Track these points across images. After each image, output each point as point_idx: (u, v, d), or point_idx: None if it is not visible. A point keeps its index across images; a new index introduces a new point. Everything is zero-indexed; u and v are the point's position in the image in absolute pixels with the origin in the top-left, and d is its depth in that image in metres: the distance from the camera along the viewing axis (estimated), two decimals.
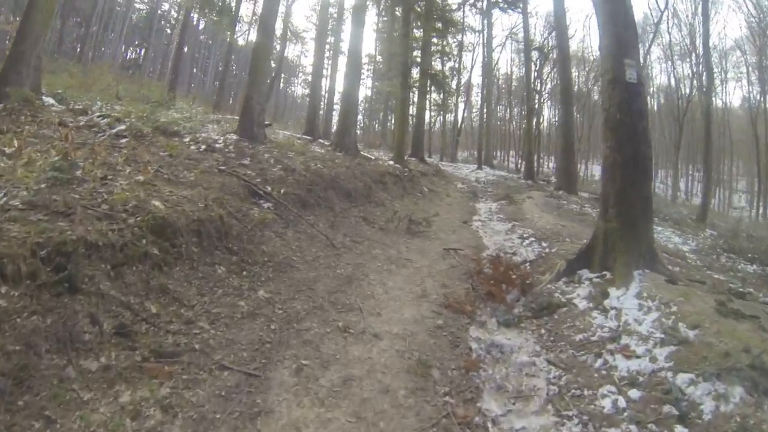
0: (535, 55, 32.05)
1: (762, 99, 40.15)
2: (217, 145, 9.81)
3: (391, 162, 18.04)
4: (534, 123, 28.54)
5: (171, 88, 23.39)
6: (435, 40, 41.38)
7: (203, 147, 9.23)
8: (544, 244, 9.53)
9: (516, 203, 16.05)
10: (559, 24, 22.05)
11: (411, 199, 14.12)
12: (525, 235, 10.60)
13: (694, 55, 39.08)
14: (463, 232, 10.99)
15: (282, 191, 8.30)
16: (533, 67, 39.13)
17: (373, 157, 17.73)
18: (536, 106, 30.24)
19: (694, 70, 37.73)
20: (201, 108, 18.67)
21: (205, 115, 15.88)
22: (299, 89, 73.24)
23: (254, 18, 39.91)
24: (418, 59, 27.32)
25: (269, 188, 8.15)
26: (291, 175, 9.55)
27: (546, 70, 39.81)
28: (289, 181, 9.14)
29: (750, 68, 43.06)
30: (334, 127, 21.69)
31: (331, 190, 10.55)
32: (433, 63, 43.44)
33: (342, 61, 30.70)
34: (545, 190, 20.70)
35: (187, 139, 9.57)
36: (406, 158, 24.23)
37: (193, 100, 24.03)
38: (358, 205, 10.98)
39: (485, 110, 38.15)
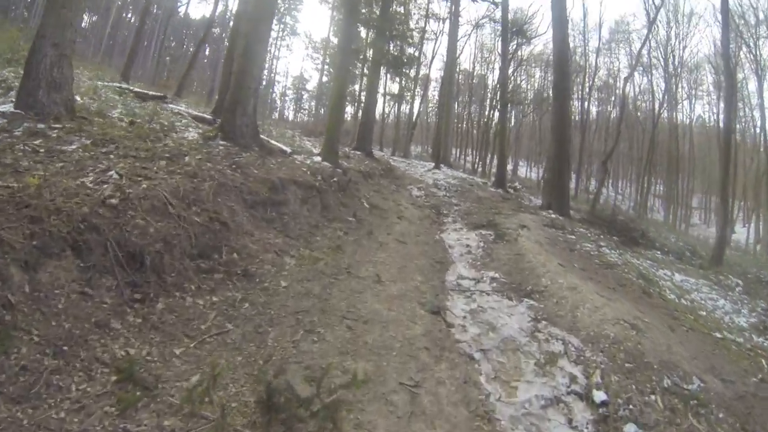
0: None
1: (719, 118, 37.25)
2: None
3: (318, 158, 11.16)
4: (507, 121, 22.22)
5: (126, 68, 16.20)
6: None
7: None
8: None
9: (507, 238, 9.42)
10: None
11: (333, 232, 7.20)
12: (578, 378, 4.10)
13: (661, 68, 35.11)
14: (441, 374, 4.15)
15: None
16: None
17: (289, 150, 10.79)
18: (509, 101, 23.85)
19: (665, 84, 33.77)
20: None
21: None
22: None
23: None
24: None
25: None
26: None
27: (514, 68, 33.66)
28: None
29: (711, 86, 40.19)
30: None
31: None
32: (391, 49, 37.22)
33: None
34: (531, 210, 14.26)
35: None
36: (348, 152, 17.38)
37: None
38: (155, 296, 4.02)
39: (444, 104, 31.64)
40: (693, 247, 18.27)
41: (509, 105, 22.21)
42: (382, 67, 21.46)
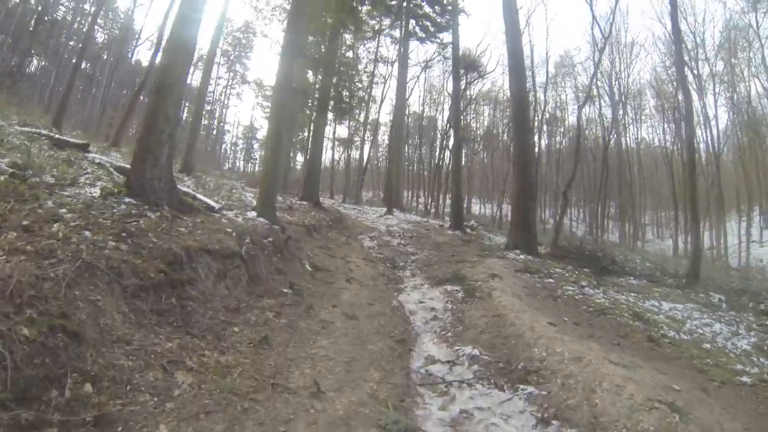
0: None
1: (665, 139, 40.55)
2: None
3: (253, 214, 9.43)
4: (461, 160, 21.10)
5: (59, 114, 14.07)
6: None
7: None
8: None
9: (479, 294, 7.83)
10: (510, 19, 14.67)
11: (259, 314, 5.32)
12: None
13: (607, 97, 35.97)
14: None
15: None
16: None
17: (217, 206, 9.04)
18: (461, 140, 22.86)
19: (612, 111, 34.50)
20: None
21: None
22: None
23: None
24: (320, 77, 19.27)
25: None
26: None
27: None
28: None
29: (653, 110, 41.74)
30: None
31: None
32: (340, 91, 36.20)
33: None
34: (497, 252, 12.84)
35: None
36: (293, 203, 15.70)
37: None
38: None
39: (394, 147, 30.63)
40: (659, 266, 17.41)
41: (462, 143, 21.13)
42: (329, 111, 20.13)
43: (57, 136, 12.06)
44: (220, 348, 4.26)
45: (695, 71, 30.41)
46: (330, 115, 37.19)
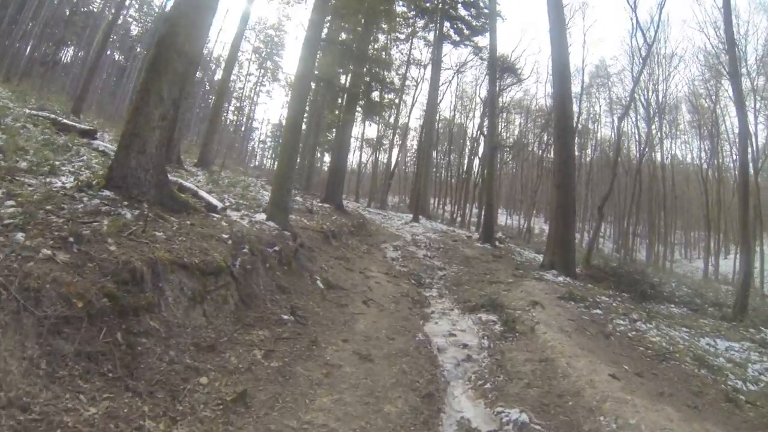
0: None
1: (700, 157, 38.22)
2: None
3: (262, 216, 8.18)
4: (495, 168, 19.45)
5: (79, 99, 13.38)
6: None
7: None
8: None
9: (519, 327, 6.38)
10: (555, 12, 13.15)
11: (244, 354, 3.93)
12: None
13: (642, 109, 33.83)
14: None
15: None
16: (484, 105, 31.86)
17: (220, 205, 7.82)
18: (497, 146, 21.19)
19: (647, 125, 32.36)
20: None
21: None
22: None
23: None
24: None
25: None
26: None
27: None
28: None
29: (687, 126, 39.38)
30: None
31: None
32: (371, 84, 34.78)
33: None
34: (533, 273, 11.29)
35: None
36: (313, 205, 14.44)
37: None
38: None
39: (424, 152, 29.25)
40: (696, 291, 15.61)
41: (496, 149, 19.58)
42: (358, 108, 18.86)
43: (64, 120, 11.14)
44: (172, 414, 2.92)
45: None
46: (359, 115, 36.16)
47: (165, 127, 6.09)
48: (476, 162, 38.30)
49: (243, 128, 54.27)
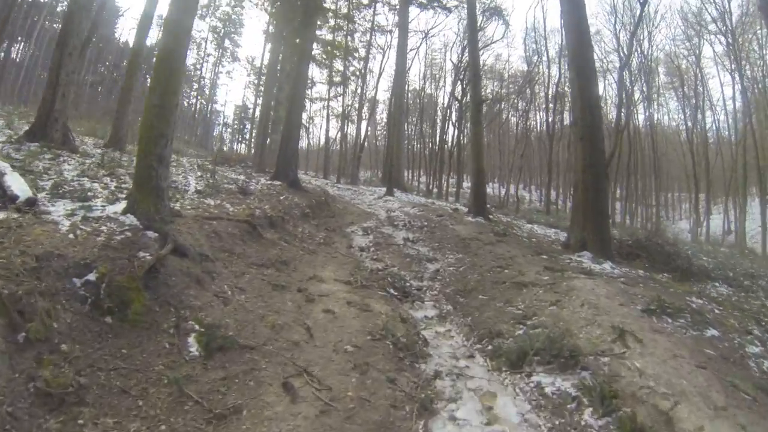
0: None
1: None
2: None
3: (117, 208, 4.14)
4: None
5: None
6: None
7: None
8: None
9: (632, 413, 2.71)
10: None
11: None
12: None
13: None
14: None
15: None
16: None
17: (22, 196, 3.69)
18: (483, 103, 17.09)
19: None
20: None
21: None
22: None
23: None
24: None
25: None
26: None
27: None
28: None
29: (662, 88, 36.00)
30: None
31: None
32: (333, 63, 30.65)
33: None
34: (569, 258, 7.54)
35: None
36: (258, 183, 10.47)
37: None
38: None
39: (395, 119, 25.12)
40: (729, 265, 12.20)
41: (481, 104, 15.58)
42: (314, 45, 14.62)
43: None
44: None
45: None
46: (325, 88, 31.87)
47: None
48: (451, 130, 34.45)
49: (205, 112, 49.09)
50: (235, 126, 54.26)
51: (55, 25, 31.95)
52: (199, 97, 46.90)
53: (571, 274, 5.91)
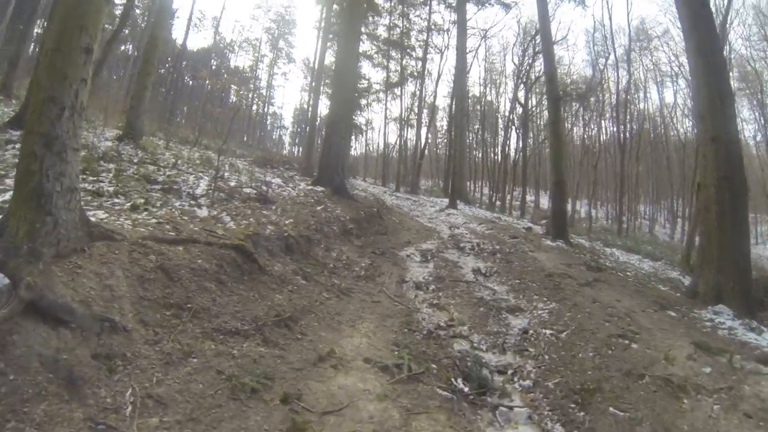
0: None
1: None
2: None
3: None
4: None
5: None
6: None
7: None
8: None
9: None
10: None
11: None
12: None
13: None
14: None
15: None
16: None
17: None
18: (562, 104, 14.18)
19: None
20: None
21: None
22: None
23: None
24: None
25: None
26: None
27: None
28: None
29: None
30: None
31: None
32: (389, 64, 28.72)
33: None
34: (697, 317, 5.03)
35: None
36: (296, 188, 8.55)
37: None
38: None
39: (458, 123, 22.65)
40: None
41: (559, 100, 12.71)
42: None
43: None
44: None
45: None
46: (378, 86, 29.78)
47: None
48: (514, 138, 31.52)
49: (263, 114, 48.77)
50: (294, 129, 53.57)
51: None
52: (256, 99, 46.50)
53: (742, 362, 3.40)
